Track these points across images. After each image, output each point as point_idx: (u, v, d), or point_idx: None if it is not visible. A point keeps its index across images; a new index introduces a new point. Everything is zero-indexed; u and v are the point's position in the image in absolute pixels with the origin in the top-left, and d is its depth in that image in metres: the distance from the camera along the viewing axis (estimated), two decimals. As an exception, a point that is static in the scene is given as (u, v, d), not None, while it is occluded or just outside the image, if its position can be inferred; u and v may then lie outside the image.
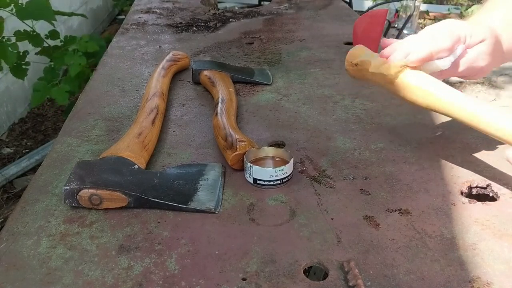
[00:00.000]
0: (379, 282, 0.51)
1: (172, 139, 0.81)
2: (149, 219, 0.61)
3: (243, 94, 0.97)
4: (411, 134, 0.80)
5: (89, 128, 0.85)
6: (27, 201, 0.66)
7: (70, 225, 0.61)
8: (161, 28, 1.44)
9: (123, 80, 1.05)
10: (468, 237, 0.57)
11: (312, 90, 0.98)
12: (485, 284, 0.50)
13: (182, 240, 0.58)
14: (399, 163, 0.72)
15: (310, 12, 1.59)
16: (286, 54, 1.19)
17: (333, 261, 0.54)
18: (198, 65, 1.02)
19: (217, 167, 0.71)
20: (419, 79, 0.65)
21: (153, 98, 0.86)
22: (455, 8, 4.28)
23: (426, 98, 0.64)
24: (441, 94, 0.63)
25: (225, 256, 0.55)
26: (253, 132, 0.82)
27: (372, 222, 0.60)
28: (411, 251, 0.55)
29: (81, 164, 0.67)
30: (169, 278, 0.52)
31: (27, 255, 0.56)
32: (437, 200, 0.64)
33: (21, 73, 2.01)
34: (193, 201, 0.63)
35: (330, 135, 0.81)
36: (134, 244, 0.57)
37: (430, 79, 0.65)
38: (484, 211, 0.61)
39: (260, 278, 0.52)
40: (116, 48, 1.26)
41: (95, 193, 0.62)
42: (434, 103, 0.64)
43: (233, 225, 0.60)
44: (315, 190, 0.66)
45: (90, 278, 0.52)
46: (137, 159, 0.69)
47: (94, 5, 4.03)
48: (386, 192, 0.66)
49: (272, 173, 0.66)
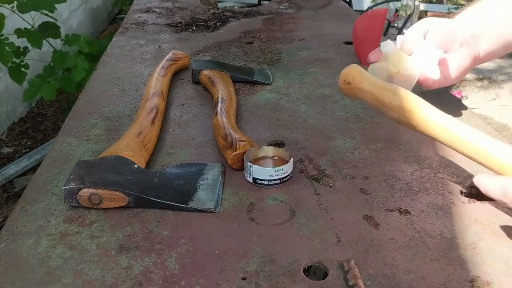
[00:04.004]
0: (379, 281, 0.51)
1: (172, 139, 0.81)
2: (149, 219, 0.61)
3: (242, 94, 0.97)
4: (411, 134, 0.80)
5: (88, 128, 0.85)
6: (26, 201, 0.66)
7: (70, 225, 0.61)
8: (160, 28, 1.44)
9: (123, 80, 1.05)
10: (468, 237, 0.57)
11: (311, 89, 0.98)
12: (485, 284, 0.50)
13: (182, 239, 0.58)
14: (399, 162, 0.72)
15: (310, 11, 1.59)
16: (285, 53, 1.19)
17: (333, 261, 0.54)
18: (197, 64, 1.02)
19: (217, 166, 0.71)
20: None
21: (153, 98, 0.86)
22: (454, 8, 4.28)
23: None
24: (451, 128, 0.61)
25: (225, 256, 0.55)
26: (252, 131, 0.82)
27: (372, 222, 0.60)
28: (411, 250, 0.55)
29: (81, 163, 0.67)
30: (169, 277, 0.52)
31: (26, 254, 0.56)
32: (436, 200, 0.64)
33: (20, 77, 2.01)
34: (193, 201, 0.63)
35: (330, 134, 0.81)
36: (134, 244, 0.57)
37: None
38: (484, 210, 0.61)
39: (260, 277, 0.52)
40: (116, 48, 1.26)
41: (95, 192, 0.62)
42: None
43: (233, 224, 0.60)
44: (315, 190, 0.66)
45: (90, 277, 0.52)
46: (137, 158, 0.69)
47: (94, 5, 4.03)
48: (385, 191, 0.66)
49: (271, 172, 0.66)
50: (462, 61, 0.75)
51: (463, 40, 0.74)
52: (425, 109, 0.63)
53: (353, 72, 0.71)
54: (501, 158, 0.57)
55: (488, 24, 0.74)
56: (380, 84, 0.68)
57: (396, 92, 0.65)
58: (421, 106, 0.63)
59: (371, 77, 0.70)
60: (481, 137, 0.59)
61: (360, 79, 0.69)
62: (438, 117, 0.62)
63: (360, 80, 0.69)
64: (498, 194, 0.55)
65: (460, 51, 0.74)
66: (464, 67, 0.76)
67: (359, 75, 0.70)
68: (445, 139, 0.61)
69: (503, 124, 2.71)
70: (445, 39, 0.74)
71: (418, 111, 0.63)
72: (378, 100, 0.67)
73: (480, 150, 0.58)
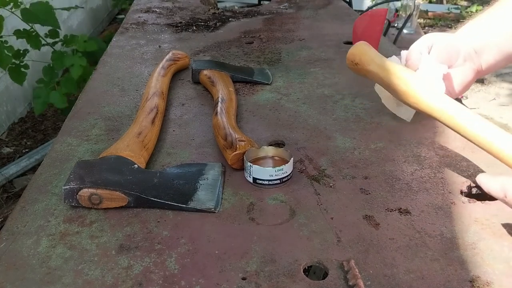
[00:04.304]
0: (379, 281, 0.51)
1: (172, 139, 0.81)
2: (149, 219, 0.61)
3: (243, 94, 0.97)
4: (411, 133, 0.80)
5: (88, 128, 0.85)
6: (26, 201, 0.66)
7: (70, 225, 0.61)
8: (160, 28, 1.44)
9: (123, 80, 1.05)
10: (468, 237, 0.57)
11: (311, 89, 0.98)
12: (485, 284, 0.50)
13: (182, 239, 0.58)
14: (399, 162, 0.72)
15: (310, 11, 1.59)
16: (285, 53, 1.19)
17: (333, 261, 0.54)
18: (197, 64, 1.02)
19: (217, 166, 0.71)
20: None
21: (153, 98, 0.86)
22: (455, 8, 4.28)
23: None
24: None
25: (225, 256, 0.55)
26: (252, 131, 0.82)
27: (372, 222, 0.60)
28: (411, 250, 0.55)
29: (81, 163, 0.67)
30: (169, 277, 0.52)
31: (27, 254, 0.56)
32: (436, 200, 0.64)
33: (20, 78, 2.01)
34: (193, 201, 0.63)
35: (330, 134, 0.81)
36: (134, 244, 0.57)
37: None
38: (484, 210, 0.61)
39: (260, 277, 0.52)
40: (116, 48, 1.26)
41: (95, 192, 0.62)
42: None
43: (233, 224, 0.60)
44: (315, 190, 0.66)
45: (90, 277, 0.52)
46: (137, 158, 0.69)
47: (94, 5, 4.03)
48: (386, 191, 0.66)
49: (272, 172, 0.66)
50: (466, 76, 0.76)
51: (466, 55, 0.75)
52: (428, 94, 0.65)
53: (360, 53, 0.72)
54: (505, 150, 0.58)
55: (490, 37, 0.75)
56: (387, 67, 0.69)
57: (402, 77, 0.67)
58: (425, 92, 0.65)
59: (378, 58, 0.71)
60: (483, 126, 0.60)
61: (367, 60, 0.71)
62: (440, 101, 0.64)
63: (367, 62, 0.71)
64: (499, 194, 0.56)
65: (464, 66, 0.75)
66: (467, 81, 0.77)
67: (366, 56, 0.72)
68: (449, 124, 0.63)
69: (503, 124, 2.71)
70: (448, 55, 0.74)
71: (422, 96, 0.65)
72: (385, 82, 0.69)
73: (481, 138, 0.60)
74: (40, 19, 1.94)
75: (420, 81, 0.67)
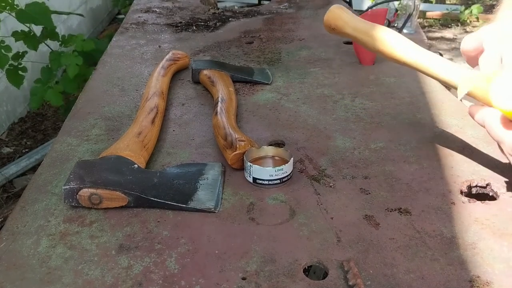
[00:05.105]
0: (379, 281, 0.51)
1: (172, 139, 0.81)
2: (149, 219, 0.61)
3: (242, 94, 0.97)
4: (411, 133, 0.80)
5: (88, 128, 0.85)
6: (26, 201, 0.66)
7: (69, 225, 0.61)
8: (160, 28, 1.43)
9: (123, 80, 1.05)
10: (467, 236, 0.57)
11: (311, 89, 0.98)
12: (485, 283, 0.50)
13: (181, 239, 0.58)
14: (399, 162, 0.72)
15: (310, 11, 1.59)
16: (285, 53, 1.19)
17: (333, 260, 0.54)
18: (197, 64, 1.02)
19: (217, 166, 0.71)
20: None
21: (153, 98, 0.86)
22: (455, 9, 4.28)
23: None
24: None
25: (225, 256, 0.55)
26: (252, 131, 0.82)
27: (372, 222, 0.60)
28: (411, 250, 0.55)
29: (81, 163, 0.67)
30: (169, 277, 0.52)
31: (26, 254, 0.56)
32: (436, 200, 0.64)
33: (17, 80, 2.01)
34: (193, 201, 0.63)
35: (330, 134, 0.81)
36: (134, 244, 0.57)
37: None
38: (484, 210, 0.61)
39: (260, 277, 0.52)
40: (116, 48, 1.26)
41: (95, 192, 0.62)
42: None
43: (233, 224, 0.60)
44: (315, 190, 0.66)
45: (90, 277, 0.52)
46: (137, 158, 0.69)
47: (94, 5, 4.03)
48: (386, 191, 0.66)
49: (271, 172, 0.66)
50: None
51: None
52: (396, 44, 0.68)
53: (334, 18, 0.75)
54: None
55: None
56: (360, 28, 0.72)
57: (374, 36, 0.70)
58: (393, 43, 0.68)
59: (352, 21, 0.74)
60: (442, 64, 0.63)
61: (342, 25, 0.74)
62: (403, 47, 0.67)
63: (342, 26, 0.74)
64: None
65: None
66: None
67: (340, 20, 0.75)
68: (412, 65, 0.66)
69: None
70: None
71: (391, 49, 0.68)
72: (361, 42, 0.73)
73: (430, 70, 0.63)
74: (35, 19, 1.94)
75: (393, 35, 0.69)
